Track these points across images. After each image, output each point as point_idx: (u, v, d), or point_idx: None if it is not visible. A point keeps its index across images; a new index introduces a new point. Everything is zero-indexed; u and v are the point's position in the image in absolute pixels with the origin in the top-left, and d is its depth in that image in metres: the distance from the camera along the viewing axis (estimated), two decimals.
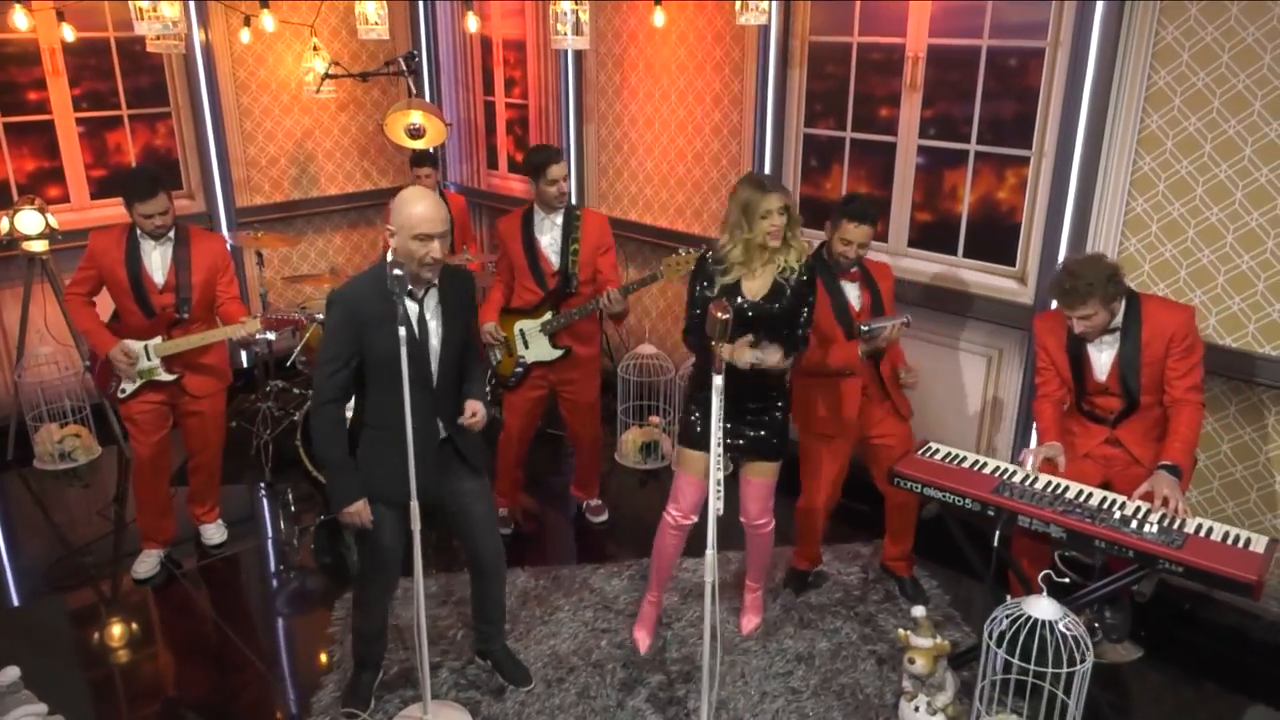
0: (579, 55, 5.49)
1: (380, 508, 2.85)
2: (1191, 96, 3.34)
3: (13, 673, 2.79)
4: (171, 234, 3.64)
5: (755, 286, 3.08)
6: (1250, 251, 3.32)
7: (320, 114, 6.10)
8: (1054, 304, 3.22)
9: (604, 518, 4.46)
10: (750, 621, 3.60)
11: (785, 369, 3.11)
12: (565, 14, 4.40)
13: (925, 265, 4.22)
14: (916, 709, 3.04)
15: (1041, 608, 2.71)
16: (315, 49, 5.62)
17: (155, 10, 3.72)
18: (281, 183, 6.05)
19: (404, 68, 5.64)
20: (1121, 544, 2.70)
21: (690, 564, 4.00)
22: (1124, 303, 3.10)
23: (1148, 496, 2.88)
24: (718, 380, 2.52)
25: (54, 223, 4.69)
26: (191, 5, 5.27)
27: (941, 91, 4.02)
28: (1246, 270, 3.34)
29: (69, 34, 4.68)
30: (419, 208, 2.63)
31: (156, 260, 3.63)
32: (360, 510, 2.79)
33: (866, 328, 3.41)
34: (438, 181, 5.26)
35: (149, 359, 3.65)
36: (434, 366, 2.81)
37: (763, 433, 3.20)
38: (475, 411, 2.87)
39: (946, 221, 4.14)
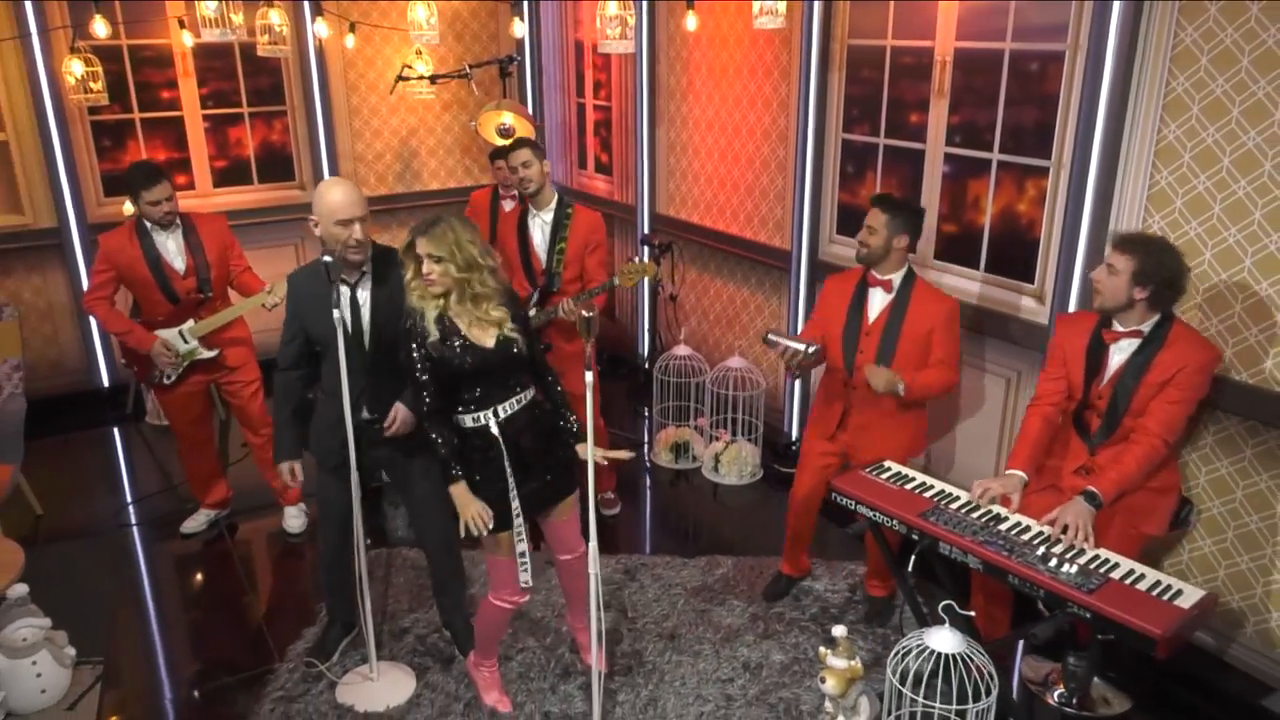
0: (653, 58, 5.59)
1: (325, 473, 3.10)
2: (1210, 104, 3.04)
3: (20, 589, 3.24)
4: (179, 221, 3.97)
5: (481, 336, 2.80)
6: (1269, 277, 2.98)
7: (425, 113, 6.52)
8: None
9: (615, 510, 4.55)
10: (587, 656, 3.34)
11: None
12: (612, 18, 4.51)
13: (949, 279, 4.03)
14: None
15: (942, 640, 2.59)
16: (419, 53, 6.02)
17: (222, 17, 4.15)
18: (386, 177, 6.52)
19: (468, 73, 5.92)
20: (1033, 582, 2.53)
21: (666, 560, 4.05)
22: (1158, 316, 2.89)
23: (1054, 522, 2.69)
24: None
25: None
26: (307, 12, 5.80)
27: (967, 97, 3.84)
28: (1264, 297, 3.00)
29: (188, 39, 5.28)
30: (336, 193, 2.84)
31: (173, 248, 3.96)
32: (286, 470, 3.04)
33: (772, 336, 3.36)
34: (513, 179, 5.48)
35: (186, 342, 4.02)
36: (365, 351, 2.99)
37: (549, 477, 2.93)
38: (394, 418, 2.98)
39: (969, 234, 3.94)
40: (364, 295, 3.00)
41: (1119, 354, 2.94)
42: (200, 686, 3.40)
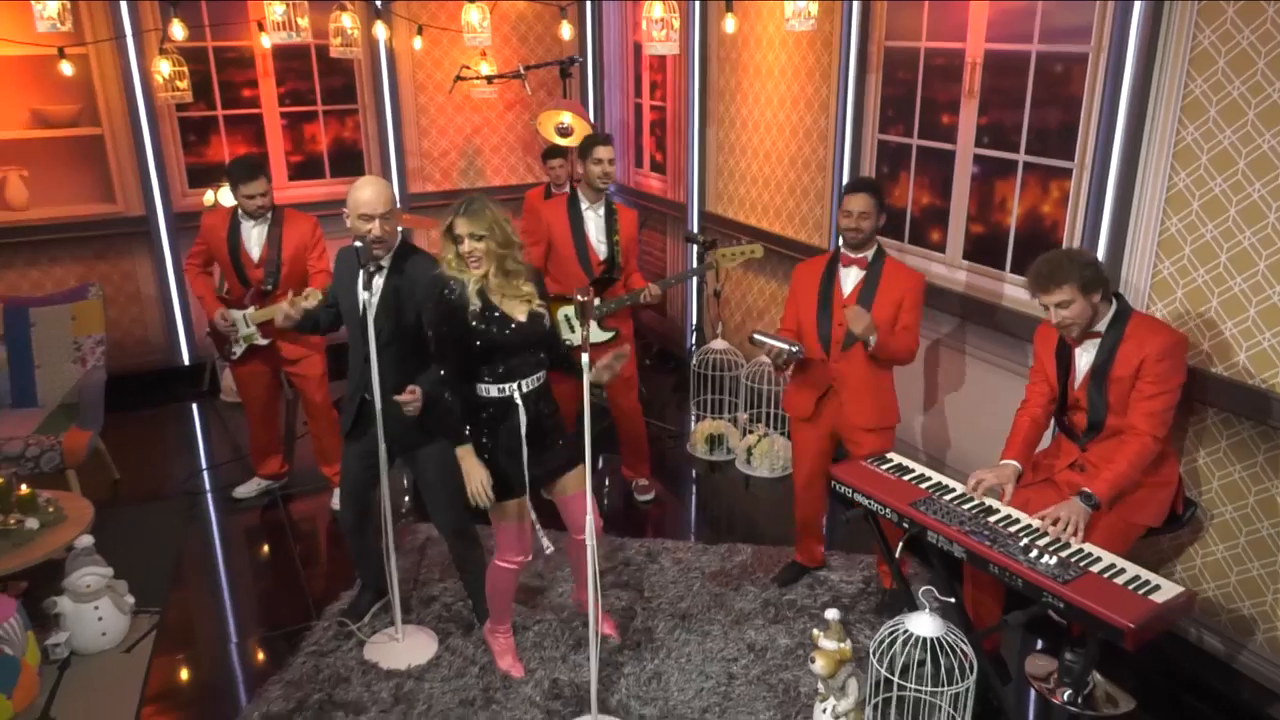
0: (704, 60, 5.72)
1: (347, 444, 3.34)
2: (1227, 107, 3.03)
3: (86, 540, 3.57)
4: (269, 214, 4.30)
5: (514, 310, 3.00)
6: None
7: (488, 112, 6.78)
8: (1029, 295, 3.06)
9: (649, 496, 4.70)
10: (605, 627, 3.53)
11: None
12: (658, 20, 4.65)
13: (975, 279, 4.07)
14: (824, 711, 3.06)
15: (921, 624, 2.67)
16: (483, 54, 6.28)
17: (289, 21, 4.45)
18: (450, 173, 6.80)
19: (522, 74, 6.13)
20: (1012, 571, 2.59)
21: (688, 545, 4.19)
22: (1112, 308, 2.96)
23: (1049, 516, 2.74)
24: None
25: None
26: (381, 16, 6.10)
27: (995, 98, 3.87)
28: (1278, 302, 2.98)
29: (266, 41, 5.62)
30: (363, 193, 3.07)
31: (254, 238, 4.28)
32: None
33: (758, 336, 3.46)
34: (569, 173, 5.68)
35: (247, 326, 4.34)
36: (369, 340, 3.19)
37: (561, 442, 3.11)
38: (413, 392, 3.14)
39: (996, 234, 3.97)
40: (377, 284, 3.20)
41: (1084, 355, 3.01)
42: (244, 637, 3.68)
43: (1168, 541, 3.40)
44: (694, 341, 6.04)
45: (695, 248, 5.71)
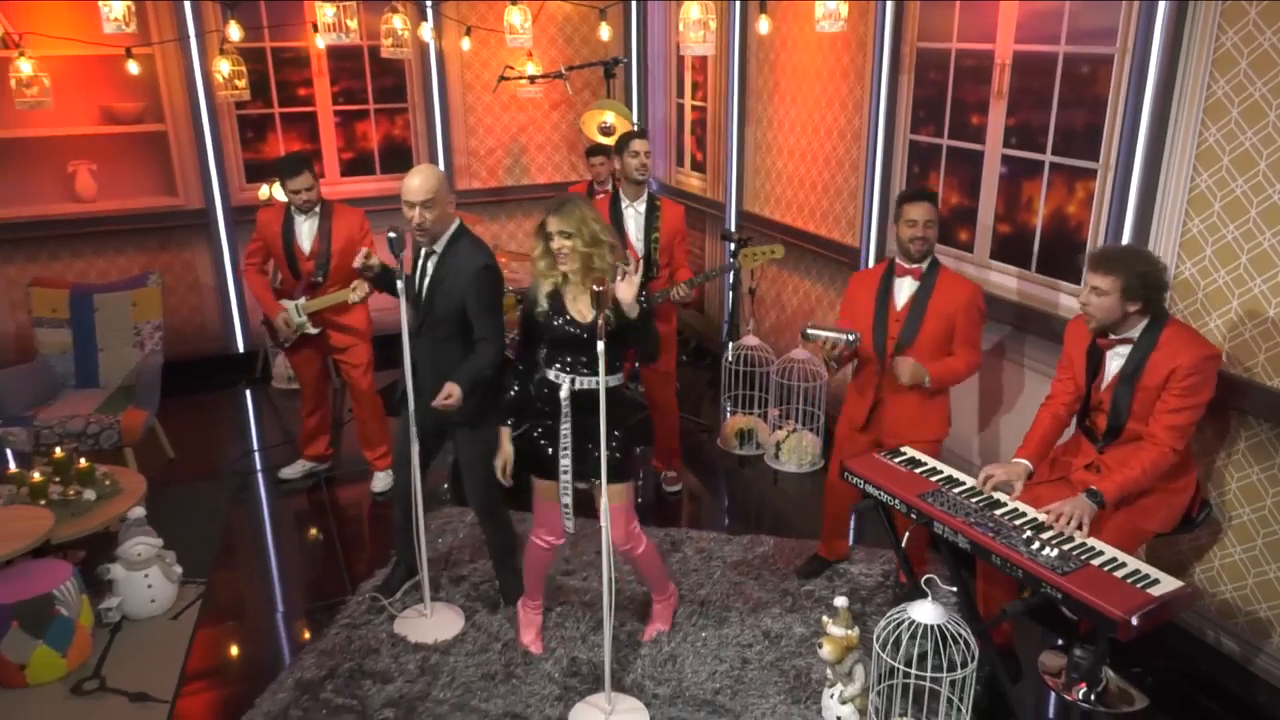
0: (743, 61, 5.80)
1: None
2: (1249, 108, 3.03)
3: (139, 511, 3.79)
4: (318, 209, 4.49)
5: (582, 309, 3.09)
6: None
7: (534, 111, 6.94)
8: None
9: (677, 488, 4.80)
10: (651, 630, 3.61)
11: (622, 391, 3.21)
12: (695, 21, 4.75)
13: (1001, 278, 4.09)
14: (831, 696, 3.13)
15: (923, 612, 2.74)
16: (529, 54, 6.44)
17: (339, 22, 4.64)
18: (496, 170, 6.98)
19: (564, 74, 6.27)
20: (1013, 562, 2.64)
21: (712, 536, 4.28)
22: (1148, 319, 2.95)
23: (1054, 511, 2.78)
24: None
25: None
26: (429, 18, 6.30)
27: (1023, 99, 3.90)
28: None
29: (321, 42, 5.84)
30: (410, 180, 3.24)
31: (305, 231, 4.48)
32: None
33: (811, 330, 3.50)
34: (611, 171, 5.78)
35: (298, 316, 4.54)
36: (416, 321, 3.34)
37: (597, 455, 3.06)
38: (448, 394, 3.26)
39: (1022, 234, 3.99)
40: (430, 267, 3.37)
41: (1116, 359, 3.00)
42: (283, 609, 3.88)
43: (1187, 543, 3.40)
44: (726, 337, 6.12)
45: (730, 245, 5.78)
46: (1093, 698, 3.25)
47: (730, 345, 5.37)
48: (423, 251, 3.40)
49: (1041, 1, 3.77)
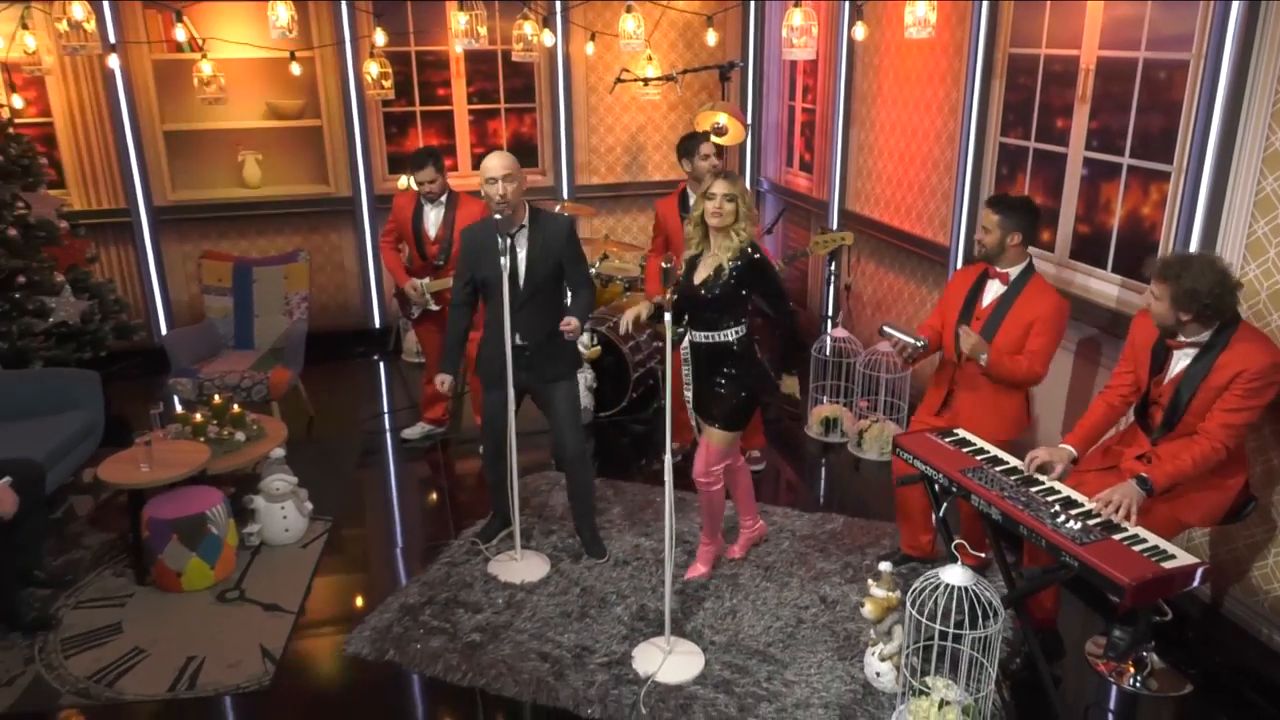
0: (851, 64, 6.02)
1: (487, 386, 3.95)
2: None
3: (279, 452, 4.37)
4: (444, 199, 4.99)
5: (701, 273, 3.62)
6: None
7: (652, 112, 7.34)
8: None
9: (760, 467, 5.08)
10: (732, 551, 4.15)
11: (739, 347, 3.65)
12: (797, 27, 5.02)
13: (1080, 278, 4.21)
14: (872, 654, 3.37)
15: (954, 574, 2.96)
16: (649, 58, 6.83)
17: (471, 29, 5.14)
18: (615, 168, 7.41)
19: (675, 77, 6.60)
20: (1037, 532, 2.83)
21: (785, 511, 4.55)
22: (1218, 324, 3.01)
23: (1102, 498, 2.92)
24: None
25: None
26: (559, 24, 6.78)
27: (1105, 103, 4.01)
28: None
29: (459, 47, 6.41)
30: (490, 160, 3.68)
31: (432, 218, 5.01)
32: (439, 381, 3.96)
33: (887, 329, 3.72)
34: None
35: (425, 294, 5.08)
36: (520, 290, 3.78)
37: (714, 403, 3.69)
38: (569, 322, 3.77)
39: (1099, 235, 4.10)
40: (522, 245, 3.79)
41: (1183, 359, 3.07)
42: (395, 546, 4.40)
43: (1243, 541, 3.47)
44: (824, 330, 6.34)
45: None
46: (1139, 680, 3.39)
47: (829, 337, 5.60)
48: (506, 240, 3.78)
49: (1126, 1, 3.87)
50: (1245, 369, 2.92)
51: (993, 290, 3.71)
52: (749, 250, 3.57)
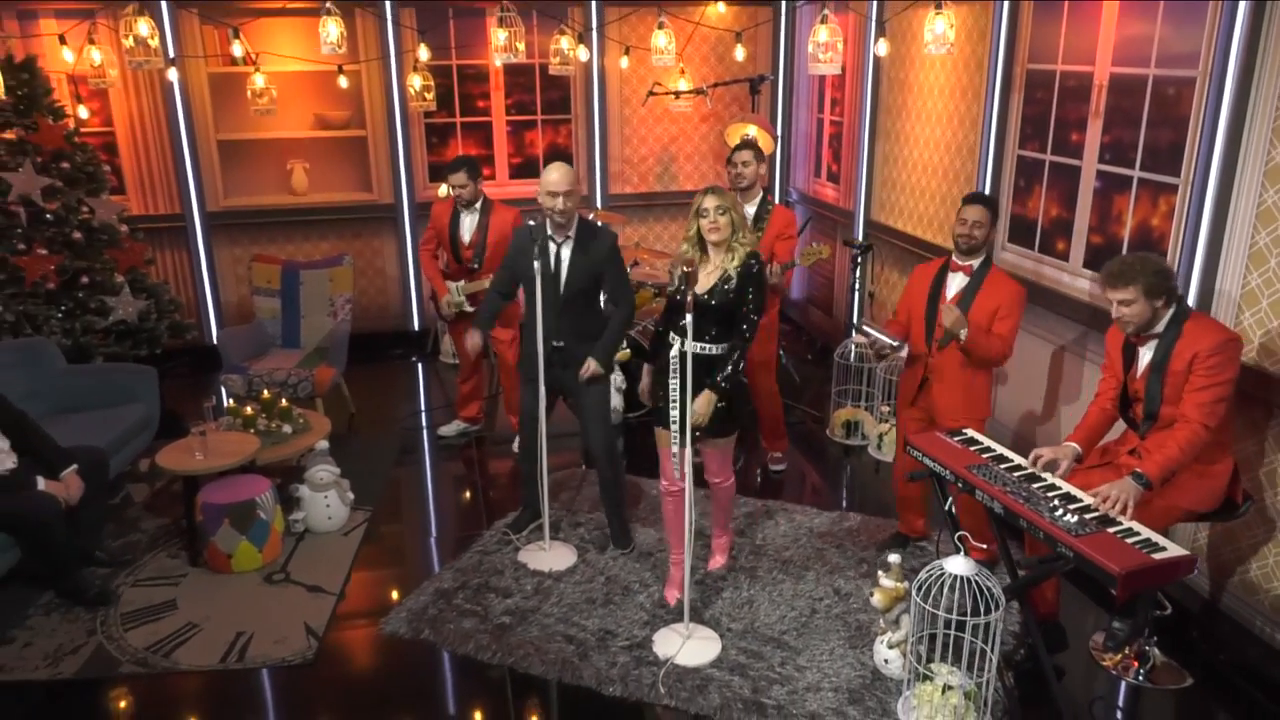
0: (877, 79, 6.19)
1: (524, 383, 4.18)
2: None
3: (323, 444, 4.63)
4: (479, 205, 5.24)
5: (703, 284, 3.63)
6: None
7: (684, 124, 7.55)
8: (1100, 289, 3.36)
9: (781, 468, 5.26)
10: (713, 560, 4.20)
11: (730, 357, 3.63)
12: (823, 44, 5.20)
13: (1093, 286, 4.34)
14: (881, 642, 3.53)
15: (957, 565, 3.12)
16: (681, 71, 7.05)
17: (510, 45, 5.39)
18: (648, 177, 7.63)
19: (705, 91, 6.81)
20: (1035, 524, 2.98)
21: (804, 509, 4.71)
22: (1172, 310, 3.21)
23: (1100, 493, 3.07)
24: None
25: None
26: (594, 39, 7.02)
27: (1117, 118, 4.15)
28: None
29: (499, 61, 6.66)
30: (553, 174, 3.88)
31: (467, 224, 5.24)
32: (471, 334, 4.27)
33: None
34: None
35: (459, 296, 5.32)
36: (560, 294, 3.99)
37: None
38: (588, 366, 4.02)
39: (1111, 244, 4.23)
40: (566, 253, 4.01)
41: (1147, 352, 3.28)
42: (431, 535, 4.64)
43: (1245, 541, 3.59)
44: (848, 336, 6.50)
45: (852, 251, 6.17)
46: (1142, 674, 3.52)
47: (853, 343, 5.76)
48: (553, 245, 4.01)
49: (1140, 2, 4.00)
50: (1200, 349, 3.12)
51: (956, 282, 3.93)
52: (752, 262, 3.61)
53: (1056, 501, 3.07)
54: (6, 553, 3.90)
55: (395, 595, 4.08)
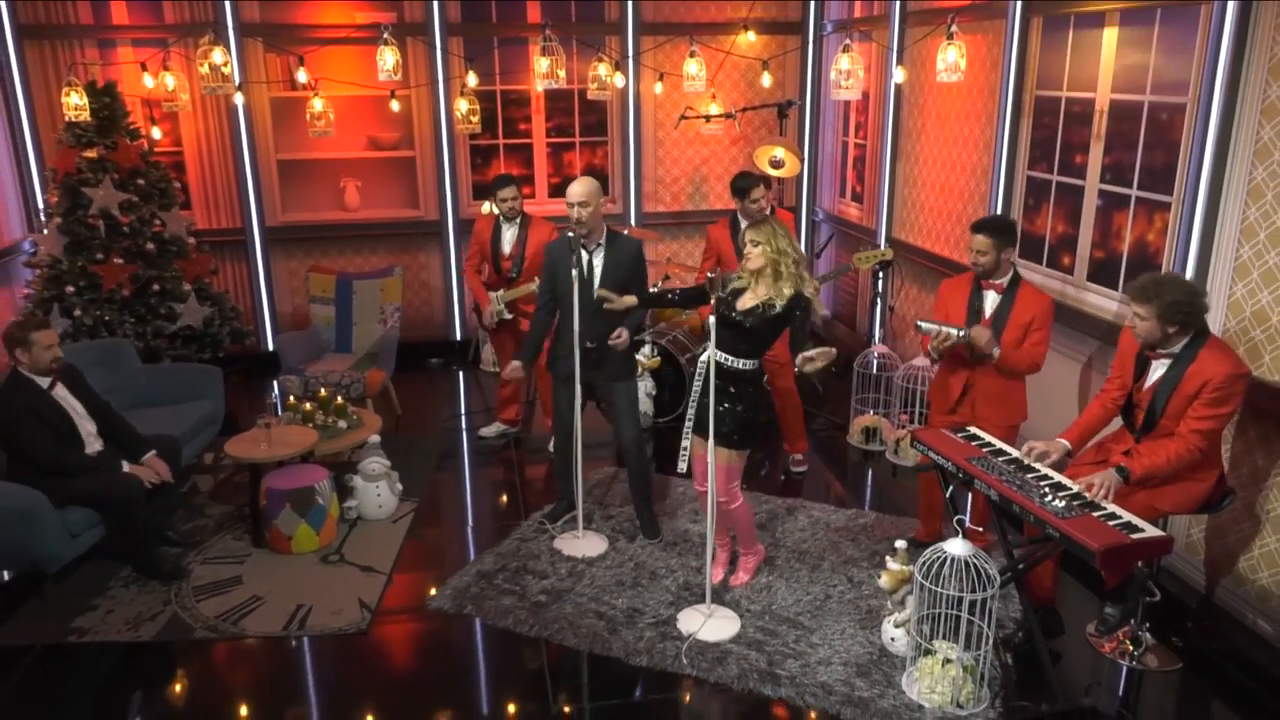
0: (898, 104, 6.51)
1: (558, 382, 4.53)
2: None
3: (375, 438, 5.01)
4: (519, 220, 5.63)
5: (746, 302, 3.85)
6: None
7: (715, 146, 7.91)
8: None
9: (803, 469, 5.56)
10: (735, 577, 4.29)
11: (751, 374, 3.90)
12: (844, 71, 5.54)
13: (1095, 299, 4.62)
14: (888, 621, 3.82)
15: (955, 547, 3.40)
16: (713, 96, 7.42)
17: (551, 72, 5.79)
18: (680, 197, 7.99)
19: (734, 115, 7.15)
20: (1026, 508, 3.27)
21: (822, 506, 5.00)
22: (1190, 336, 3.46)
23: (1083, 481, 3.35)
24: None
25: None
26: (630, 67, 7.41)
27: (1116, 141, 4.44)
28: None
29: (540, 86, 7.08)
30: (570, 187, 4.27)
31: (508, 237, 5.64)
32: (514, 365, 4.64)
33: (923, 323, 4.14)
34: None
35: (498, 305, 5.70)
36: (593, 297, 4.33)
37: (718, 420, 3.76)
38: (620, 334, 4.33)
39: (1111, 259, 4.51)
40: (598, 260, 4.37)
41: (1159, 368, 3.51)
42: (472, 524, 4.99)
43: (1234, 535, 3.83)
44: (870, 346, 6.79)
45: (874, 267, 6.48)
46: (1134, 658, 3.77)
47: (875, 353, 6.05)
48: (586, 254, 4.36)
49: (1137, 30, 4.31)
50: (1210, 379, 3.34)
51: (990, 300, 4.15)
52: (798, 302, 3.80)
53: (1047, 489, 3.36)
54: (92, 529, 4.30)
55: (440, 575, 4.43)
